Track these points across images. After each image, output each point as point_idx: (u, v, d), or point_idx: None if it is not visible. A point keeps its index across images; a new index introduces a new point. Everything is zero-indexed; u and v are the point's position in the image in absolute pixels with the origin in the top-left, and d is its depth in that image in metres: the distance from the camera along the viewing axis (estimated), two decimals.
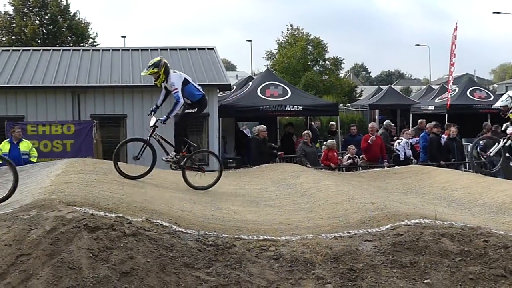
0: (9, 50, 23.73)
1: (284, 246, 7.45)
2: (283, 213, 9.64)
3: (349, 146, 19.24)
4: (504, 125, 13.54)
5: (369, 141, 18.19)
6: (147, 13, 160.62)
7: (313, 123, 25.07)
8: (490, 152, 13.40)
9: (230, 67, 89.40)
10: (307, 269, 7.06)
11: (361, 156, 18.84)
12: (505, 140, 13.26)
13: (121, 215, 7.56)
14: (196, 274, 6.77)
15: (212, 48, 23.63)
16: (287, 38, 51.54)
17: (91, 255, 6.70)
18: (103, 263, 6.65)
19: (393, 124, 24.60)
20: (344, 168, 18.85)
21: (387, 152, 19.17)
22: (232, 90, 25.01)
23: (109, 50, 23.56)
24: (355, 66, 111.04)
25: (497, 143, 13.42)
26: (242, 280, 6.77)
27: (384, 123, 22.31)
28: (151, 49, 23.32)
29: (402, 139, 19.42)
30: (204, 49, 23.63)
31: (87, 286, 6.42)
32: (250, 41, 72.10)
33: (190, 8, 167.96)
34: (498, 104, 13.56)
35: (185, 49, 23.46)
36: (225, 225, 8.37)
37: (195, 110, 11.38)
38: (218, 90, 21.41)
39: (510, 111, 13.03)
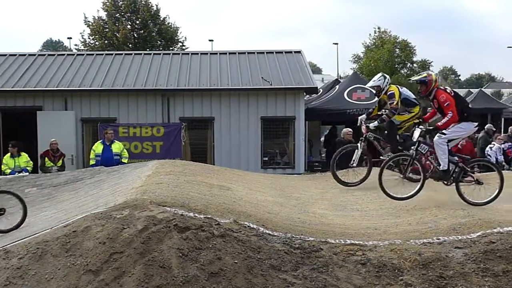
0: (102, 54, 24.56)
1: (371, 251, 7.37)
2: (370, 218, 9.54)
3: None
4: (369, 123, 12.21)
5: (459, 145, 17.76)
6: (234, 17, 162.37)
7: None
8: (353, 162, 11.97)
9: (316, 70, 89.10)
10: (395, 275, 6.97)
11: None
12: (362, 143, 11.99)
13: (209, 216, 7.66)
14: (283, 276, 6.79)
15: (299, 51, 23.68)
16: (374, 40, 50.89)
17: (180, 254, 6.83)
18: (192, 263, 6.77)
19: (495, 129, 23.89)
20: None
21: (480, 157, 18.65)
22: (319, 93, 24.98)
23: (197, 53, 24.02)
24: (443, 69, 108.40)
25: (356, 150, 12.03)
26: (329, 284, 6.75)
27: (486, 127, 21.77)
28: (238, 53, 23.60)
29: (494, 144, 18.84)
30: (291, 52, 23.72)
31: (176, 285, 6.55)
32: (337, 44, 71.73)
33: (276, 11, 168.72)
34: (370, 84, 12.33)
35: (272, 53, 23.61)
36: (312, 228, 8.36)
37: None
38: (304, 93, 21.43)
39: (383, 92, 11.82)
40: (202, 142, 20.58)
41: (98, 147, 16.62)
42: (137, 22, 44.29)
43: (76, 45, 47.55)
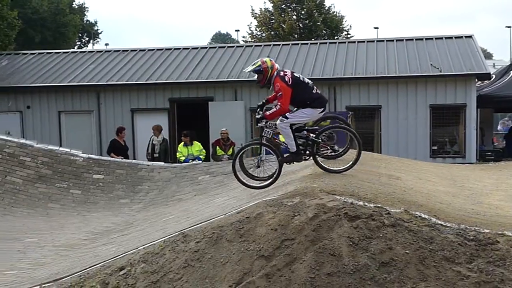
0: (270, 45, 25.11)
1: None
2: None
3: None
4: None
5: None
6: (399, 2, 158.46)
7: None
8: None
9: (486, 55, 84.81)
10: None
11: None
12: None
13: (379, 205, 7.58)
14: (456, 269, 6.59)
15: (470, 36, 22.82)
16: None
17: (351, 243, 6.84)
18: (362, 252, 6.75)
19: None
20: None
21: None
22: (491, 80, 23.89)
23: (363, 41, 23.82)
24: None
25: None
26: (506, 279, 6.46)
27: None
28: (406, 39, 23.13)
29: None
30: (461, 37, 22.91)
31: (347, 273, 6.57)
32: (509, 27, 67.48)
33: None
34: (249, 69, 9.99)
35: (441, 38, 22.94)
36: (487, 220, 8.03)
37: None
38: (476, 80, 20.59)
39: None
40: (369, 131, 20.39)
41: None
42: (303, 12, 44.76)
43: (243, 37, 49.11)
